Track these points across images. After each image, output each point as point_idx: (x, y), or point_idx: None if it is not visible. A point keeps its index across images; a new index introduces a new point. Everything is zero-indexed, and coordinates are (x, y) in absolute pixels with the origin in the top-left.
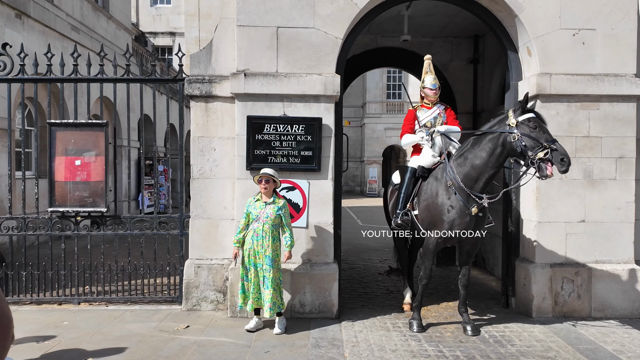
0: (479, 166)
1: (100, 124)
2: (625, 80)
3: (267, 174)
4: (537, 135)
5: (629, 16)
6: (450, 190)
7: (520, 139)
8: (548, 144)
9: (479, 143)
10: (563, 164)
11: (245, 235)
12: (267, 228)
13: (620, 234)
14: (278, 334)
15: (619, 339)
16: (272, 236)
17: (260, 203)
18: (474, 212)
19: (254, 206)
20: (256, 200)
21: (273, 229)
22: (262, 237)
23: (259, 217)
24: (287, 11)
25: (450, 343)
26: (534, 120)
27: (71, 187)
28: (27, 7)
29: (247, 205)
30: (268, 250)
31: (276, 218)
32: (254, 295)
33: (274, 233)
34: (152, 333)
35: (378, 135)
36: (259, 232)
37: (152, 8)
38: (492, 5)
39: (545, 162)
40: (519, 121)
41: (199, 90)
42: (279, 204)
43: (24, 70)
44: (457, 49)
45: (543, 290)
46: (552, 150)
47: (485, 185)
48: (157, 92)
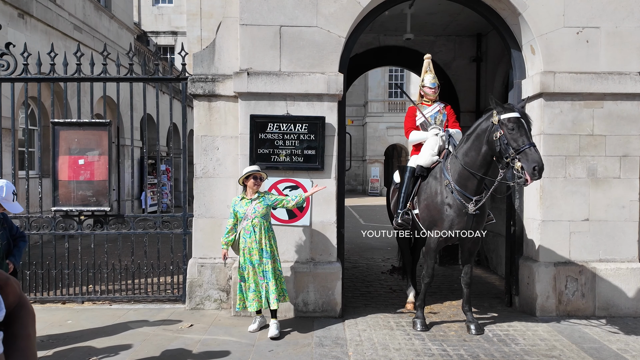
0: (469, 165)
1: (103, 123)
2: (629, 78)
3: (256, 171)
4: (514, 136)
5: (633, 14)
6: (448, 189)
7: (501, 137)
8: (523, 147)
9: (469, 141)
10: (535, 175)
11: (236, 236)
12: (256, 222)
13: (624, 232)
14: (273, 337)
15: (624, 337)
16: (263, 228)
17: (246, 201)
18: (471, 211)
19: (239, 205)
20: (241, 199)
21: (263, 220)
22: (252, 232)
23: (246, 214)
24: (290, 10)
25: (454, 342)
26: (514, 120)
27: (74, 186)
28: (29, 7)
29: (233, 205)
30: (262, 242)
31: (264, 209)
32: (254, 295)
33: (264, 224)
34: (155, 332)
35: (380, 134)
36: (249, 229)
37: (154, 7)
38: (496, 4)
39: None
40: (500, 119)
41: (202, 89)
42: (262, 196)
43: (27, 70)
44: (460, 48)
45: (547, 289)
46: (524, 155)
47: (479, 185)
48: (160, 92)
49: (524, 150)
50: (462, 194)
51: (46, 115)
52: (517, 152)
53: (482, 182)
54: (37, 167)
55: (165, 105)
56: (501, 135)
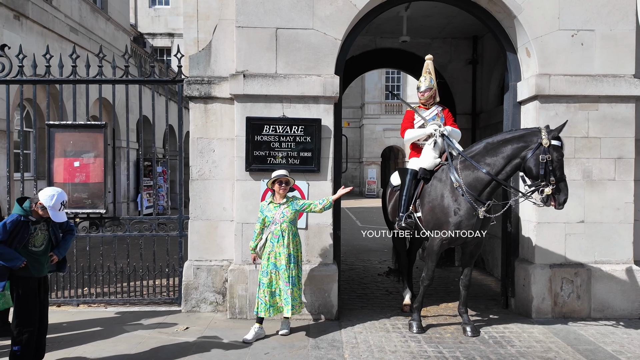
0: (492, 174)
1: (99, 125)
2: (624, 81)
3: (283, 175)
4: (559, 165)
5: (627, 17)
6: (457, 192)
7: (549, 162)
8: (562, 179)
9: (495, 150)
10: (561, 205)
11: (262, 240)
12: (285, 227)
13: (619, 234)
14: (284, 334)
15: (619, 339)
16: (292, 233)
17: (274, 205)
18: (481, 215)
19: (267, 209)
20: (269, 203)
21: (291, 225)
22: (281, 237)
23: (274, 219)
24: (286, 12)
25: (450, 344)
26: (560, 150)
27: (70, 188)
28: (25, 9)
29: (261, 210)
30: (290, 247)
31: (292, 214)
32: (268, 301)
33: (292, 229)
34: (151, 335)
35: (377, 136)
36: (277, 233)
37: (151, 9)
38: (491, 6)
39: (551, 194)
40: (552, 144)
41: (198, 91)
42: (291, 201)
43: (22, 72)
44: (456, 50)
45: (542, 290)
46: (561, 188)
47: (492, 192)
48: (156, 94)
49: (563, 182)
50: (474, 197)
51: (42, 117)
52: (558, 181)
53: (496, 189)
54: (32, 169)
55: (162, 107)
56: (549, 160)
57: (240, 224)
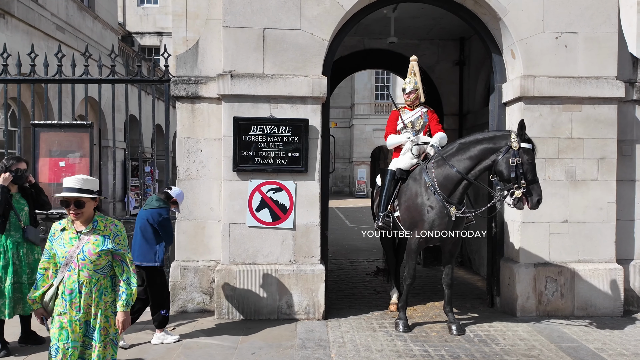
0: (462, 172)
1: (84, 125)
2: (606, 82)
3: (70, 196)
4: (529, 168)
5: (610, 20)
6: (430, 191)
7: (519, 165)
8: (534, 181)
9: (466, 150)
10: (535, 207)
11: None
12: (84, 277)
13: (602, 233)
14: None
15: (601, 337)
16: (97, 290)
17: (70, 233)
18: (452, 214)
19: (59, 240)
20: (62, 230)
21: (98, 276)
22: (77, 293)
23: (69, 258)
24: (274, 12)
25: (435, 342)
26: (531, 153)
27: (55, 188)
28: (10, 7)
29: (50, 239)
30: (92, 312)
31: (101, 258)
32: None
33: (101, 283)
34: (138, 336)
35: (366, 136)
36: (72, 286)
37: (139, 8)
38: (477, 8)
39: (522, 196)
40: (522, 147)
41: (185, 91)
42: (108, 231)
43: (6, 71)
44: (444, 51)
45: (527, 289)
46: (533, 190)
47: (464, 191)
48: (144, 93)
49: (536, 184)
50: (445, 197)
51: (27, 117)
52: (530, 184)
53: (468, 188)
54: None
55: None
56: (519, 163)
57: (228, 224)
